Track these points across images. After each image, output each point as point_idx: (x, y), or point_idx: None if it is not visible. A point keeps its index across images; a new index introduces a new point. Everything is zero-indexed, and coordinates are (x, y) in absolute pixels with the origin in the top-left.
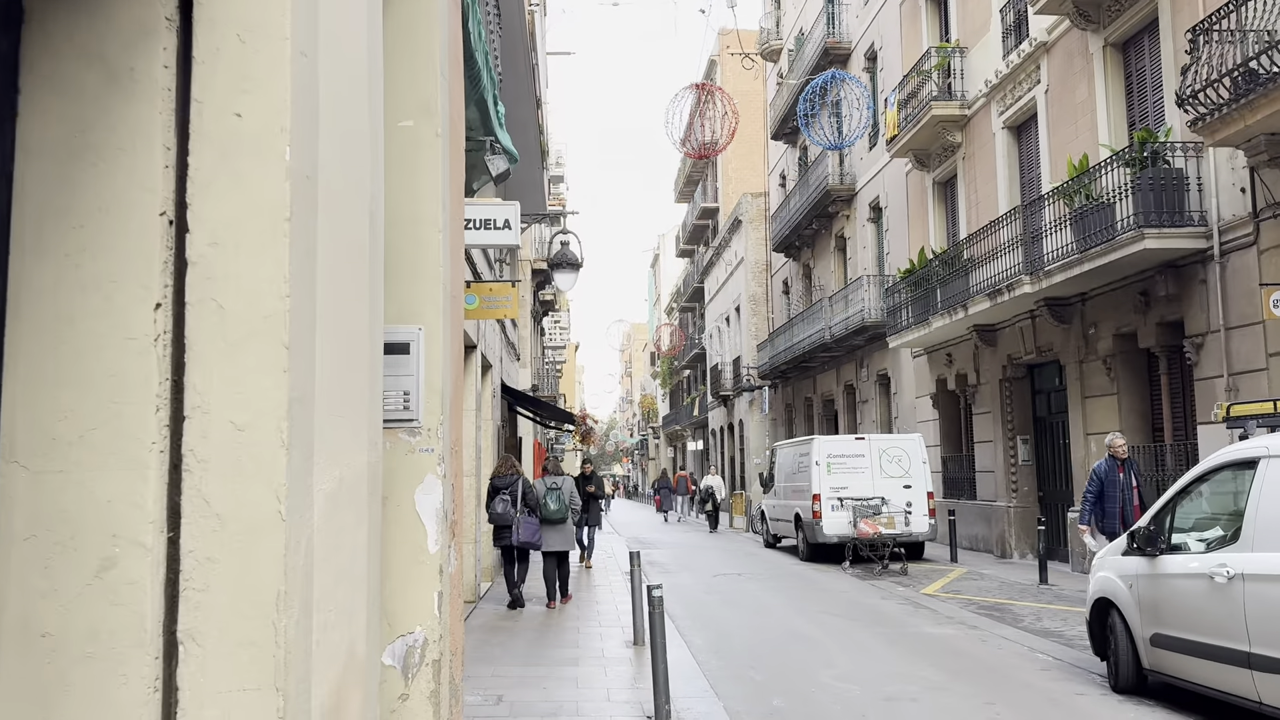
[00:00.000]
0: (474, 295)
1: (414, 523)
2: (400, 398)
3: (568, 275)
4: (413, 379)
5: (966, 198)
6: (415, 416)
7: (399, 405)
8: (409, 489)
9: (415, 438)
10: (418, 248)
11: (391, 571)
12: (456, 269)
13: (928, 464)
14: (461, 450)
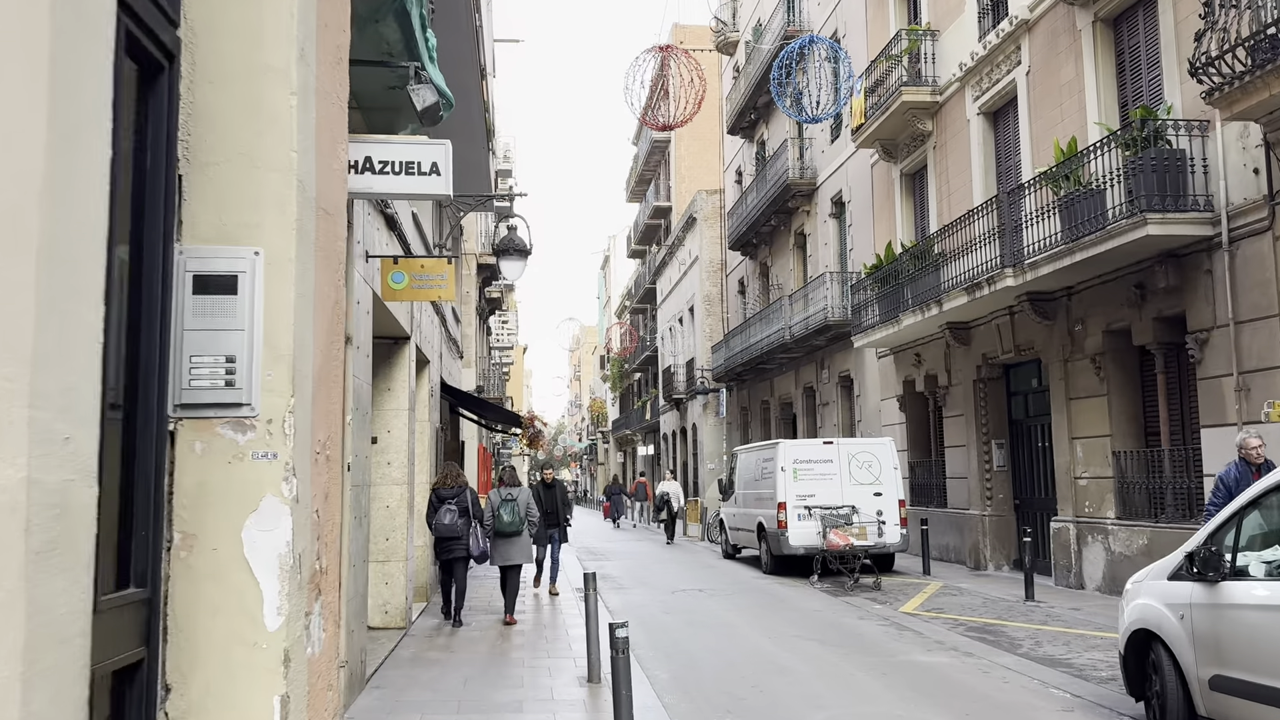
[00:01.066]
0: (402, 273)
1: (240, 579)
2: (217, 367)
3: (515, 263)
4: (242, 337)
5: (938, 189)
6: (246, 399)
7: (215, 379)
8: (233, 521)
9: (246, 435)
10: (252, 118)
11: (197, 663)
12: (330, 166)
13: (899, 470)
14: (340, 455)
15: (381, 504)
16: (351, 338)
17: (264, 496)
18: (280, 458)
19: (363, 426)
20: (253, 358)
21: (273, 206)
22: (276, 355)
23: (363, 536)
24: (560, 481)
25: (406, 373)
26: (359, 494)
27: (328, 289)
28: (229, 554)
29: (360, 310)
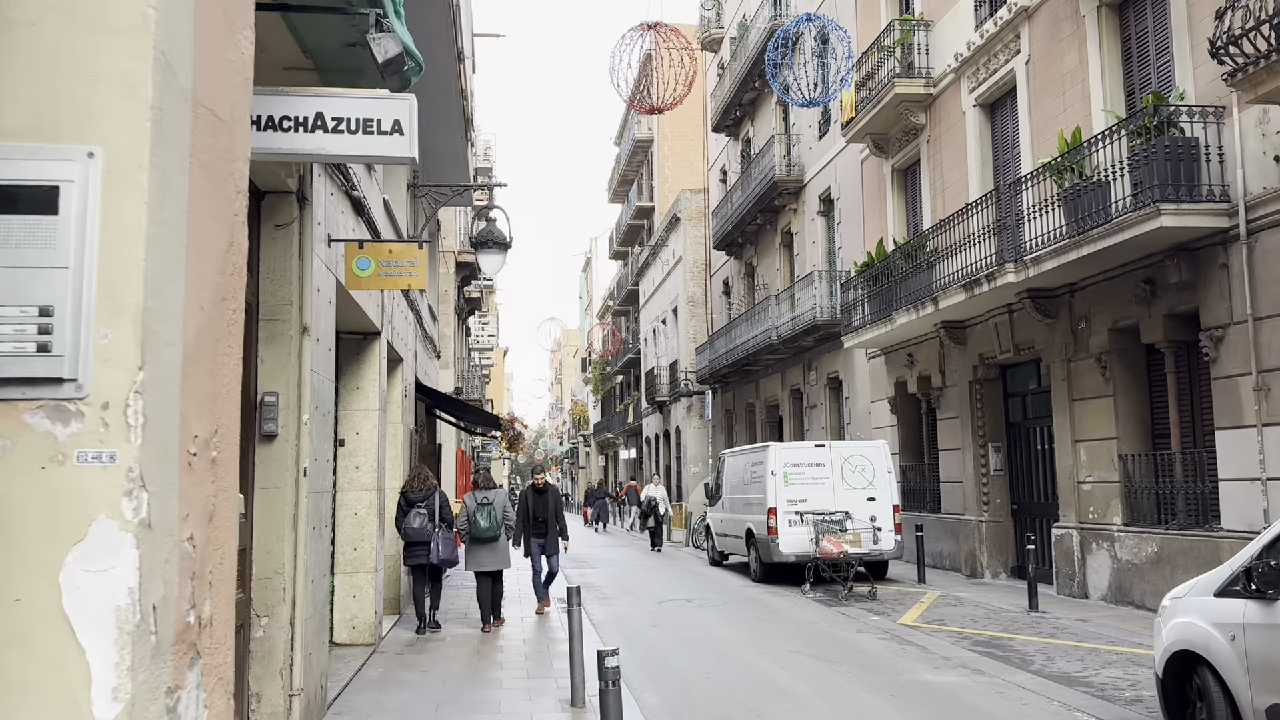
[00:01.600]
0: (368, 259)
1: (55, 645)
2: (24, 323)
3: (494, 256)
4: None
5: (931, 184)
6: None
7: (21, 341)
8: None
9: (68, 427)
10: None
11: None
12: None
13: (893, 474)
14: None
15: (349, 511)
16: (309, 328)
17: (94, 520)
18: (120, 461)
19: (324, 427)
20: (81, 310)
21: (117, 87)
22: (117, 307)
23: (324, 548)
24: (553, 487)
25: (377, 370)
26: (319, 501)
27: (213, 224)
28: (39, 607)
29: (321, 299)
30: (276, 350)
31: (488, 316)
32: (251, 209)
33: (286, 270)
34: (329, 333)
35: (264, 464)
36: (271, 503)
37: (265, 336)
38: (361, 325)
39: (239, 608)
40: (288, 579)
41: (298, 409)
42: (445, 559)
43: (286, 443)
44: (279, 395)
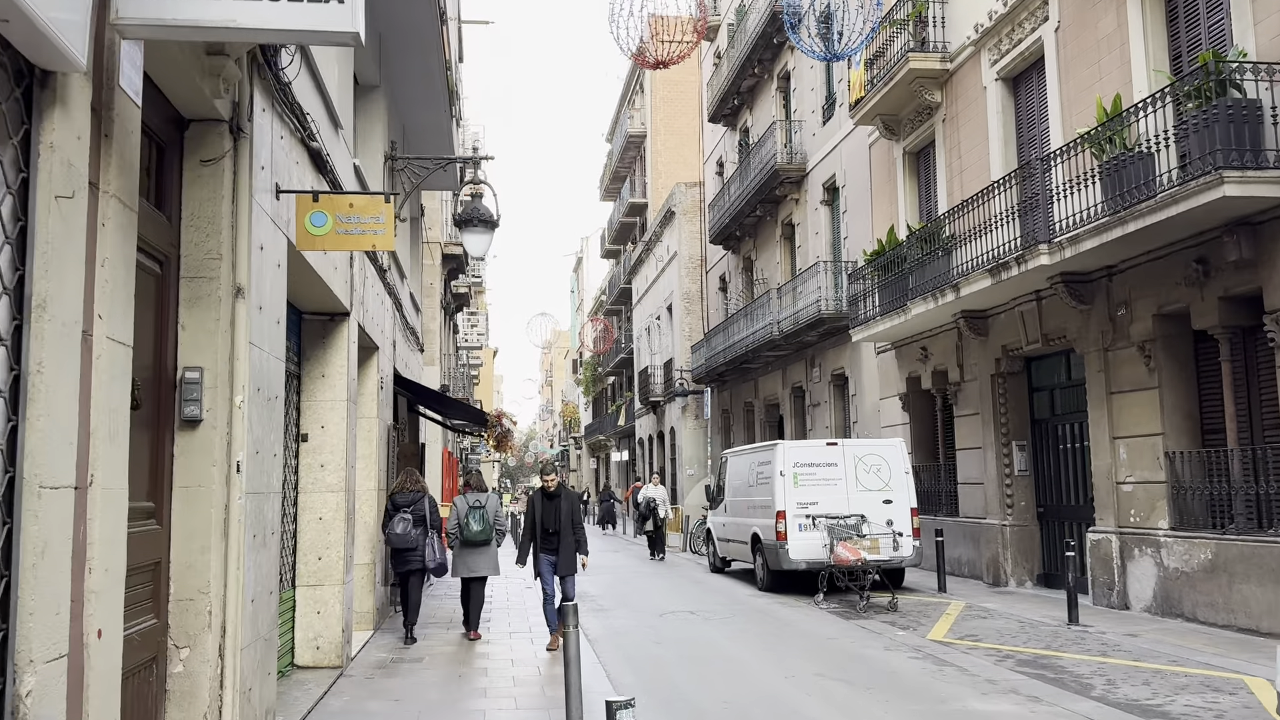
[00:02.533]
0: (324, 214)
1: None
2: None
3: (480, 235)
4: None
5: (947, 166)
6: None
7: None
8: None
9: None
10: None
11: None
12: None
13: (910, 474)
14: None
15: (312, 515)
16: (246, 290)
17: None
18: None
19: (271, 415)
20: None
21: None
22: None
23: (270, 559)
24: (569, 490)
25: (345, 356)
26: (262, 504)
27: None
28: None
29: (265, 260)
30: (201, 315)
31: (476, 316)
32: (172, 140)
33: (215, 217)
34: (277, 303)
35: (184, 456)
36: (194, 505)
37: (187, 298)
38: (327, 304)
39: (149, 637)
40: (215, 600)
41: (229, 389)
42: (442, 563)
43: (214, 430)
44: (203, 371)
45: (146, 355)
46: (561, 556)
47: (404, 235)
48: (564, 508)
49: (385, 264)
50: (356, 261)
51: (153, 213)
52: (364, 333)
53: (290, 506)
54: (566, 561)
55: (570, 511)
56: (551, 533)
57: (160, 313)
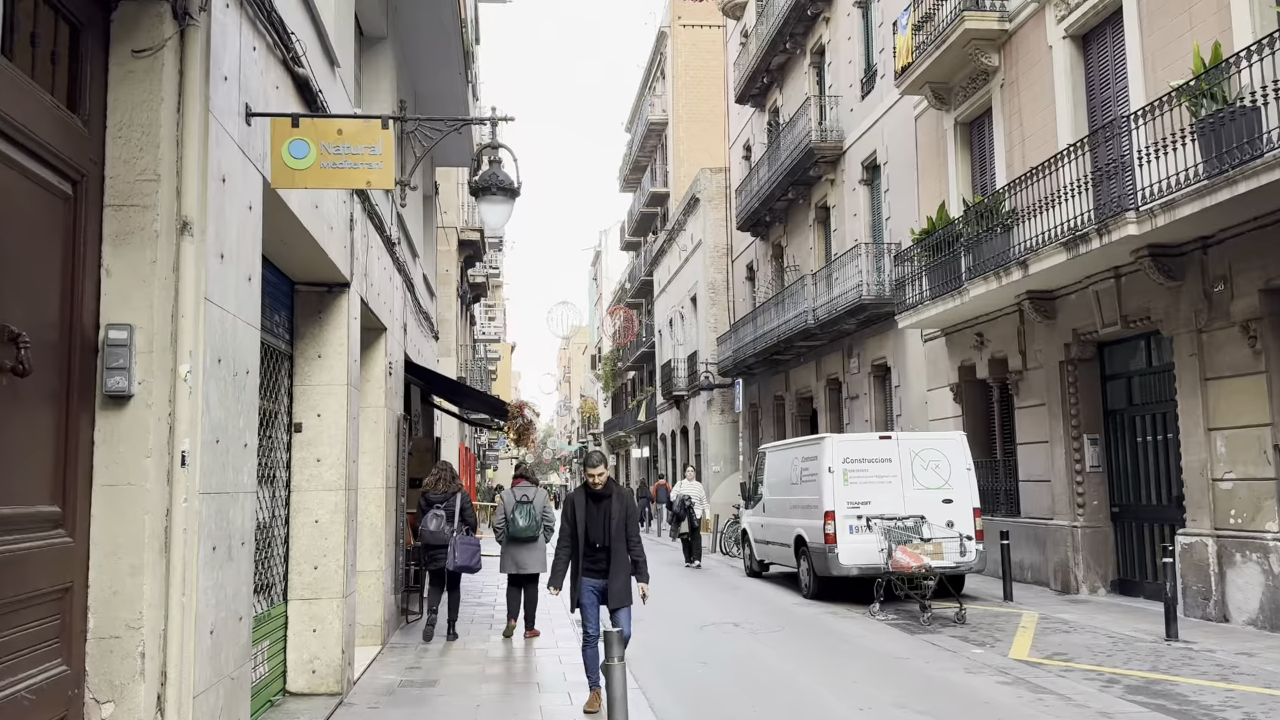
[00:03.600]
0: (305, 142)
1: None
2: None
3: (499, 205)
4: None
5: (1006, 136)
6: None
7: None
8: None
9: None
10: None
11: None
12: None
13: (972, 471)
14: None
15: (307, 518)
16: (195, 225)
17: None
18: None
19: (239, 394)
20: None
21: None
22: None
23: (238, 577)
24: (623, 490)
25: (345, 334)
26: (225, 507)
27: None
28: None
29: (231, 198)
30: (132, 256)
31: (494, 311)
32: (92, 20)
33: (151, 127)
34: (249, 255)
35: (108, 445)
36: (121, 510)
37: (114, 233)
38: (322, 271)
39: (53, 691)
40: (151, 636)
41: (171, 355)
42: (463, 565)
43: (148, 410)
44: (134, 331)
45: (49, 305)
46: (612, 583)
47: (416, 210)
48: (615, 513)
49: (394, 235)
50: (358, 225)
51: (58, 112)
52: (369, 310)
53: (281, 508)
54: (619, 590)
55: (624, 518)
56: (599, 548)
57: (72, 249)
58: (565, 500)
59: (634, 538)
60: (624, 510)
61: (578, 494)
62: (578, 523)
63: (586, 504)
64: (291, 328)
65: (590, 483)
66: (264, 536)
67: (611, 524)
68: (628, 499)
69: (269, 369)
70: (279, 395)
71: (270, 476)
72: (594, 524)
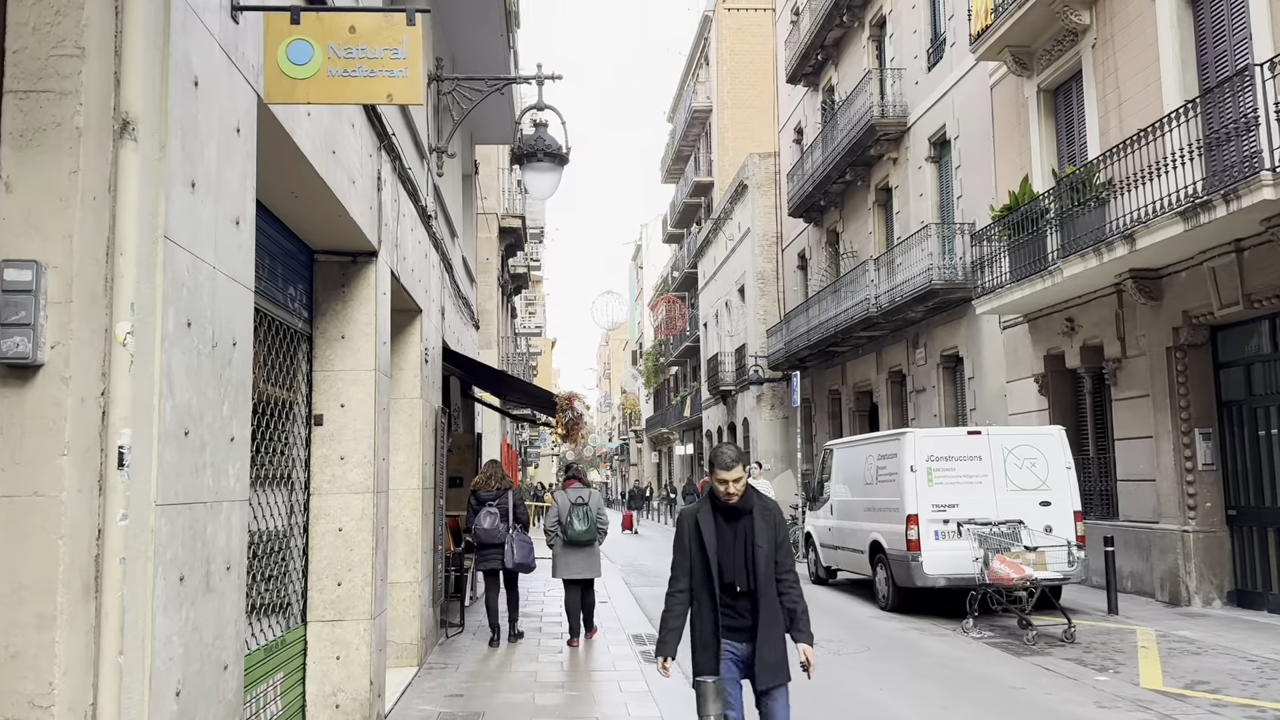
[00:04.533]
0: (308, 43)
1: None
2: None
3: (545, 174)
4: None
5: (1101, 100)
6: None
7: None
8: None
9: None
10: None
11: None
12: None
13: (1072, 469)
14: None
15: (328, 525)
16: (136, 123)
17: None
18: None
19: (216, 370)
20: None
21: None
22: None
23: (221, 613)
24: (763, 498)
25: (372, 311)
26: (200, 522)
27: None
28: None
29: (210, 110)
30: (41, 164)
31: (535, 305)
32: None
33: None
34: (234, 191)
35: (1, 436)
36: (23, 532)
37: (16, 130)
38: (342, 235)
39: None
40: (69, 716)
41: (105, 308)
42: (520, 563)
43: (65, 386)
44: (43, 271)
45: None
46: (762, 647)
47: (454, 187)
48: (762, 538)
49: (430, 207)
50: (387, 186)
51: None
52: (400, 287)
53: (299, 514)
54: (773, 660)
55: (773, 547)
56: (740, 594)
57: None
58: (681, 521)
59: (788, 575)
60: (772, 534)
61: (702, 512)
62: (708, 556)
63: (716, 527)
64: (310, 304)
65: (722, 493)
66: (278, 547)
67: (756, 556)
68: (775, 515)
69: (283, 351)
70: (296, 382)
71: (285, 477)
72: (730, 556)
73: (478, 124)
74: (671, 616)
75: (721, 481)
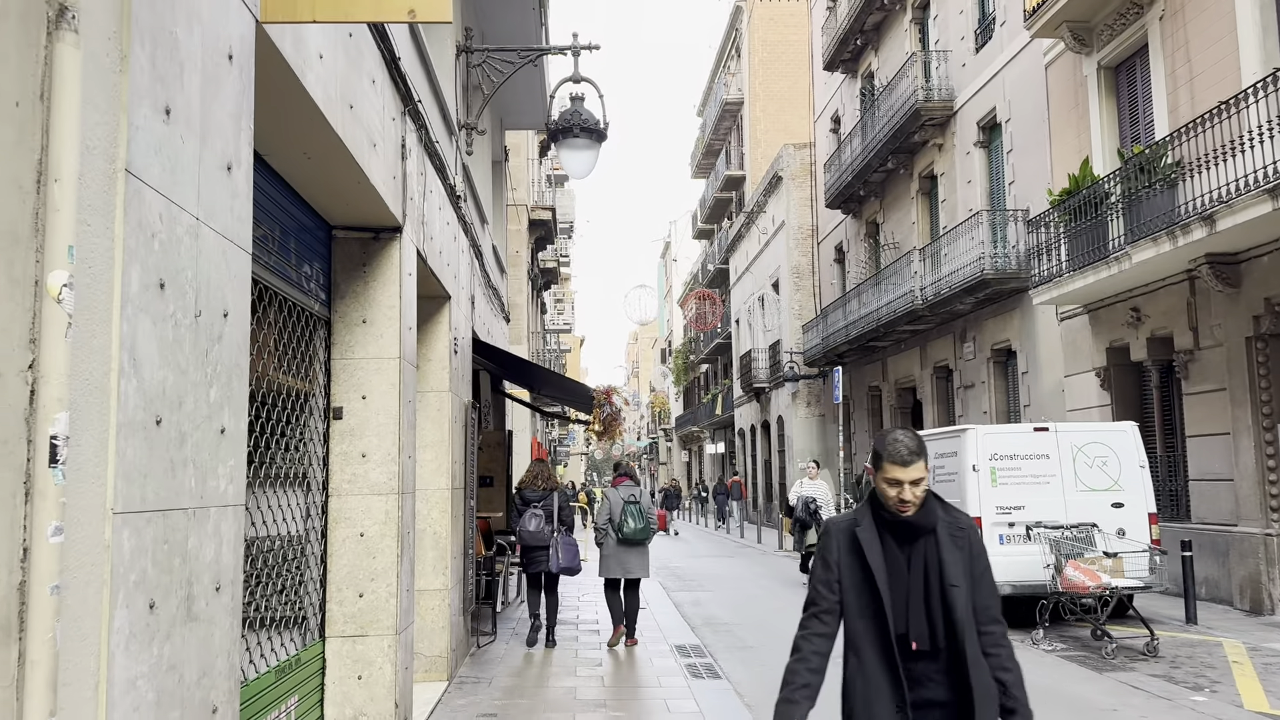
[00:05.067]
0: None
1: None
2: None
3: (581, 152)
4: None
5: (1169, 76)
6: None
7: None
8: None
9: None
10: None
11: None
12: None
13: (1146, 469)
14: None
15: (350, 529)
16: (75, 8)
17: None
18: None
19: (200, 344)
20: None
21: None
22: None
23: (205, 645)
24: (953, 510)
25: (397, 293)
26: (173, 534)
27: None
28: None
29: (191, 23)
30: None
31: (563, 304)
32: None
33: None
34: (227, 133)
35: None
36: None
37: None
38: (363, 207)
39: None
40: None
41: (34, 252)
42: (566, 566)
43: None
44: None
45: None
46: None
47: (484, 172)
48: (955, 573)
49: (459, 186)
50: (413, 157)
51: None
52: (427, 270)
53: (316, 518)
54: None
55: (970, 584)
56: (920, 652)
57: None
58: (828, 533)
59: (993, 627)
60: (968, 565)
61: (862, 527)
62: (879, 591)
63: (885, 550)
64: (329, 285)
65: (893, 501)
66: (293, 555)
67: (949, 600)
68: (970, 536)
69: (297, 335)
70: (312, 371)
71: (301, 477)
72: (903, 597)
73: (508, 108)
74: (804, 668)
75: (893, 483)
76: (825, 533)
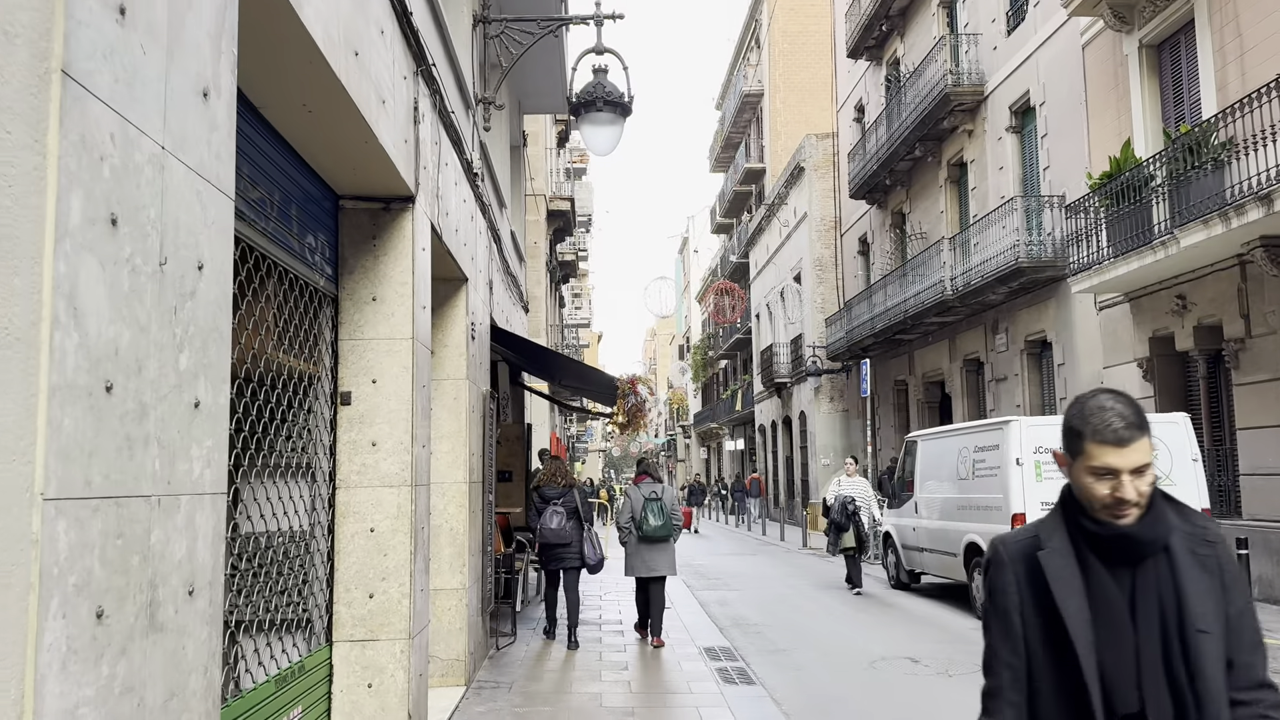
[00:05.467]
0: None
1: None
2: None
3: (605, 127)
4: None
5: (1216, 52)
6: None
7: None
8: None
9: None
10: None
11: None
12: None
13: (1199, 462)
14: None
15: (359, 525)
16: None
17: None
18: None
19: (166, 299)
20: None
21: None
22: None
23: (175, 661)
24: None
25: (409, 268)
26: (127, 527)
27: None
28: None
29: None
30: None
31: (581, 299)
32: None
33: None
34: (204, 53)
35: None
36: None
37: None
38: (372, 173)
39: None
40: None
41: None
42: (600, 560)
43: None
44: None
45: None
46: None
47: (503, 155)
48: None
49: (476, 163)
50: (426, 122)
51: None
52: (442, 247)
53: (323, 511)
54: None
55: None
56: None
57: None
58: (1000, 569)
59: (1257, 693)
60: (1220, 596)
61: (1050, 550)
62: (1078, 655)
63: (1090, 582)
64: (335, 259)
65: (1106, 500)
66: (297, 551)
67: (1195, 652)
68: (1219, 552)
69: (301, 312)
70: (318, 352)
71: (305, 466)
72: (1129, 653)
73: (526, 89)
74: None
75: (1103, 474)
76: (992, 562)
